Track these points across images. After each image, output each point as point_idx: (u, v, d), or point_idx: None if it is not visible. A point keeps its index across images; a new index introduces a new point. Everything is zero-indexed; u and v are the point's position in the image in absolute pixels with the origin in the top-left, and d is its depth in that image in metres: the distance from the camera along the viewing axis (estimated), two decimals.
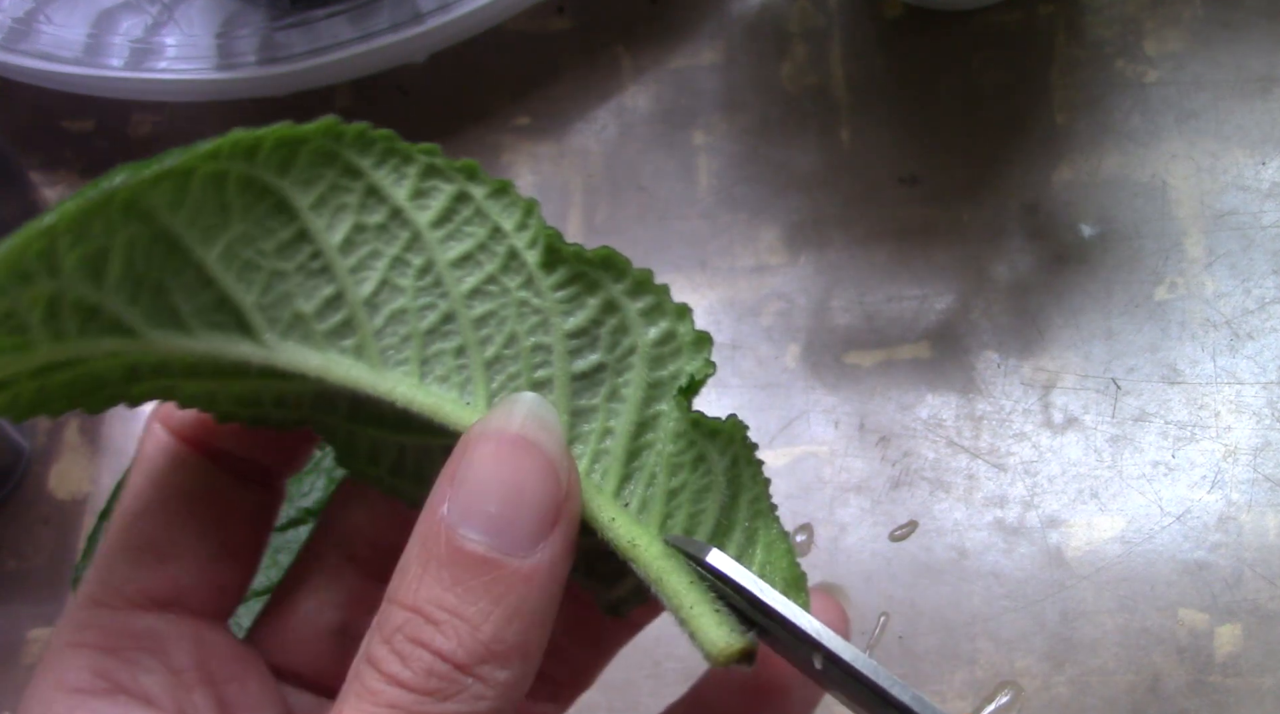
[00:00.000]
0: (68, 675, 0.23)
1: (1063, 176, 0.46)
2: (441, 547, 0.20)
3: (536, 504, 0.21)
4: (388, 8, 0.48)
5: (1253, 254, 0.44)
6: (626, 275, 0.23)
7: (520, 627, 0.20)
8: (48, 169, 0.52)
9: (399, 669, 0.20)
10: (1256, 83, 0.47)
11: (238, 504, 0.26)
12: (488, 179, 0.23)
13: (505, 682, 0.20)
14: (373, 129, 0.23)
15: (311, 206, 0.23)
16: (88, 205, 0.21)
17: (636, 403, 0.23)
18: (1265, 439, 0.42)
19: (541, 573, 0.21)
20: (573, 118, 0.50)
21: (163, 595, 0.24)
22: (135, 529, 0.25)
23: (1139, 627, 0.40)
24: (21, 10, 0.50)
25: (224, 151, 0.22)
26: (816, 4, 0.51)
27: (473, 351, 0.23)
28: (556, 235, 0.23)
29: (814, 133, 0.49)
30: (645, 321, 0.23)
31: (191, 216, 0.22)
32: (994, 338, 0.44)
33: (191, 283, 0.22)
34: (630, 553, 0.22)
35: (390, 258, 0.23)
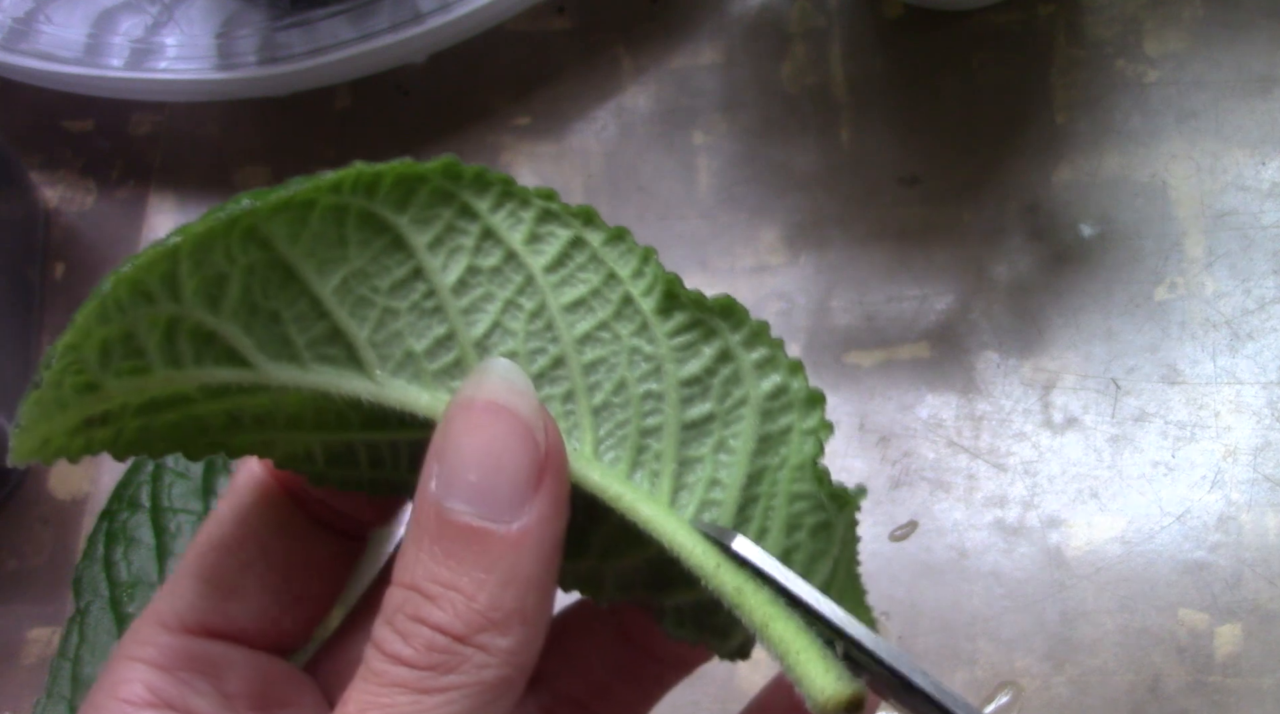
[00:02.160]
0: (121, 687, 0.24)
1: (1063, 176, 0.46)
2: (431, 522, 0.21)
3: (515, 467, 0.21)
4: (388, 8, 0.48)
5: (1253, 254, 0.44)
6: (744, 325, 0.23)
7: (516, 592, 0.20)
8: (48, 169, 0.52)
9: (401, 648, 0.20)
10: (1256, 83, 0.47)
11: (317, 552, 0.26)
12: (604, 225, 0.23)
13: (508, 648, 0.20)
14: (490, 171, 0.23)
15: (428, 246, 0.23)
16: (211, 229, 0.21)
17: (746, 455, 0.23)
18: (1265, 439, 0.42)
19: (530, 536, 0.21)
20: (573, 118, 0.50)
21: (223, 630, 0.25)
22: (209, 560, 0.25)
23: (1139, 627, 0.40)
24: (21, 10, 0.50)
25: (345, 185, 0.22)
26: (816, 4, 0.51)
27: (580, 397, 0.23)
28: (676, 280, 0.23)
29: (814, 133, 0.49)
30: (759, 374, 0.23)
31: (309, 248, 0.22)
32: (994, 338, 0.44)
33: (306, 314, 0.22)
34: (736, 599, 0.21)
35: (503, 301, 0.23)
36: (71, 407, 0.22)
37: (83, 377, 0.22)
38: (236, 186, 0.51)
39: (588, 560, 0.24)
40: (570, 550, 0.22)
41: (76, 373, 0.21)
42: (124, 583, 0.41)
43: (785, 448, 0.23)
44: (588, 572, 0.24)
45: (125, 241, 0.51)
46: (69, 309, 0.50)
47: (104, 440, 0.23)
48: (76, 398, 0.22)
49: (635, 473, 0.23)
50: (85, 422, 0.23)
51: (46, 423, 0.22)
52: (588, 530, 0.23)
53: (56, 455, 0.23)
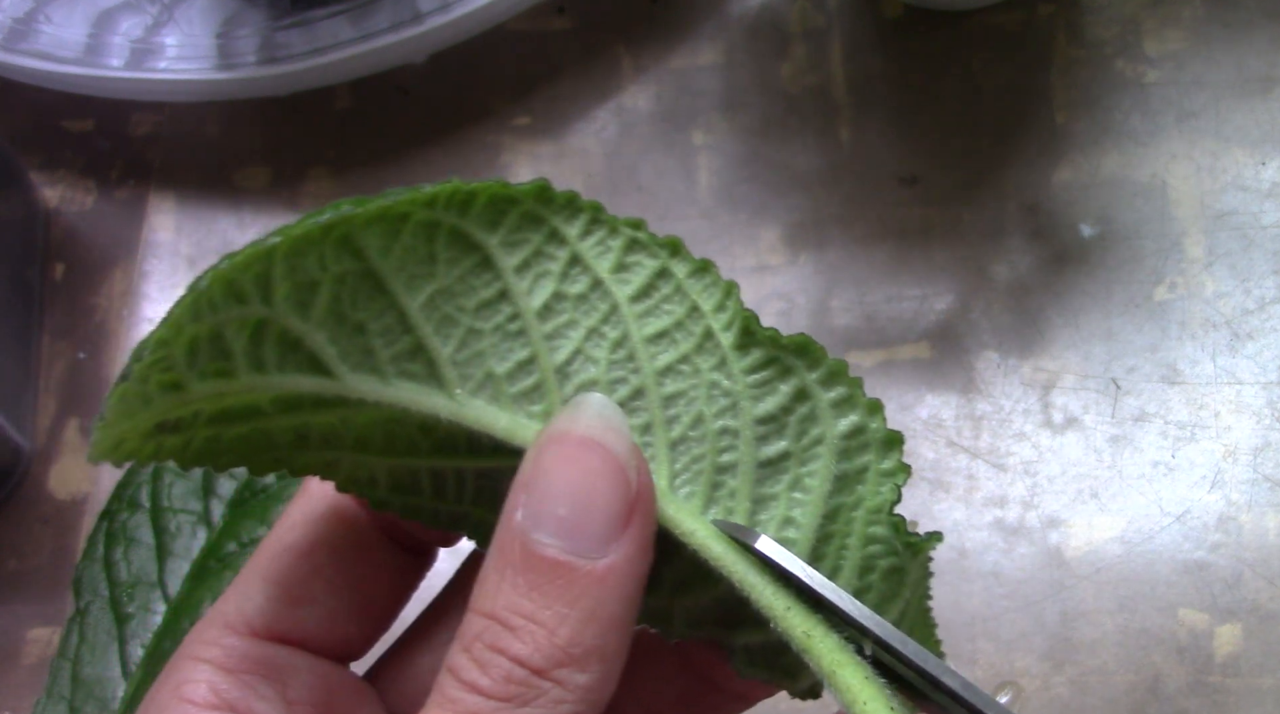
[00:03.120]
0: (186, 687, 0.24)
1: (1063, 176, 0.46)
2: (516, 552, 0.20)
3: (607, 504, 0.21)
4: (388, 8, 0.48)
5: (1253, 254, 0.44)
6: (821, 364, 0.23)
7: (597, 629, 0.20)
8: (48, 169, 0.52)
9: (477, 677, 0.20)
10: (1256, 83, 0.47)
11: (384, 566, 0.26)
12: (690, 257, 0.23)
13: (584, 685, 0.20)
14: (580, 198, 0.23)
15: (515, 269, 0.23)
16: (308, 234, 0.21)
17: (822, 495, 0.23)
18: (1265, 439, 0.42)
19: (615, 574, 0.20)
20: (573, 118, 0.50)
21: (289, 636, 0.25)
22: (277, 565, 0.25)
23: (1139, 627, 0.40)
24: (21, 10, 0.50)
25: (440, 201, 0.22)
26: (816, 4, 0.51)
27: (659, 430, 0.23)
28: (753, 317, 0.23)
29: (814, 133, 0.49)
30: (836, 413, 0.23)
31: (400, 262, 0.22)
32: (994, 338, 0.44)
33: (392, 328, 0.22)
34: (805, 643, 0.21)
35: (587, 328, 0.23)
36: (154, 404, 0.22)
37: (169, 375, 0.22)
38: (236, 187, 0.51)
39: (659, 597, 0.24)
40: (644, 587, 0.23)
41: (163, 371, 0.21)
42: (124, 583, 0.41)
43: (861, 487, 0.23)
44: (658, 608, 0.24)
45: (125, 241, 0.51)
46: (69, 309, 0.50)
47: (173, 448, 0.23)
48: (160, 396, 0.22)
49: (709, 509, 0.22)
50: (158, 427, 0.23)
51: (128, 420, 0.22)
52: (660, 566, 0.23)
53: (127, 458, 0.22)
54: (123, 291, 0.50)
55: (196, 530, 0.42)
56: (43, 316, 0.50)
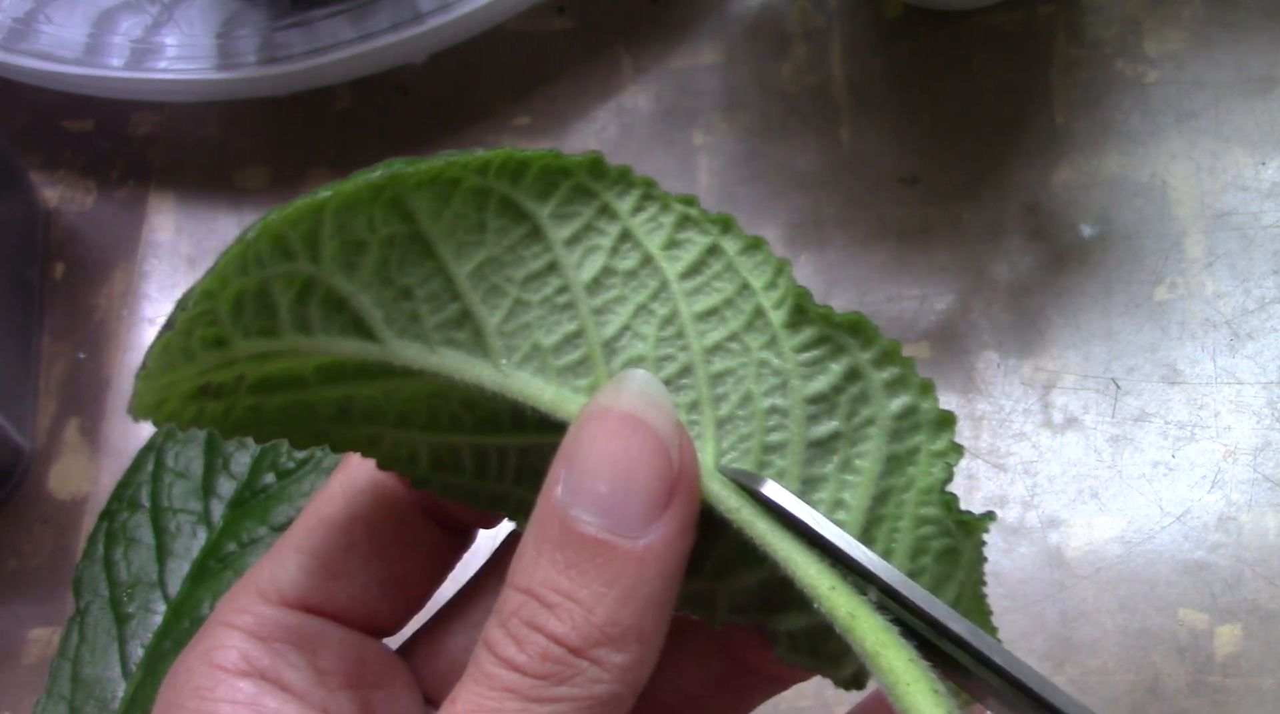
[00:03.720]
0: (216, 653, 0.23)
1: (1063, 176, 0.46)
2: (555, 529, 0.20)
3: (647, 483, 0.20)
4: (388, 8, 0.48)
5: (1253, 254, 0.44)
6: (874, 343, 0.22)
7: (635, 609, 0.20)
8: (48, 169, 0.52)
9: (514, 653, 0.20)
10: (1256, 83, 0.47)
11: (422, 543, 0.26)
12: (741, 234, 0.23)
13: (622, 665, 0.20)
14: (633, 172, 0.23)
15: (565, 242, 0.22)
16: (358, 192, 0.21)
17: (872, 476, 0.22)
18: (1265, 439, 0.42)
19: (654, 554, 0.20)
20: (573, 118, 0.50)
21: (321, 608, 0.25)
22: (314, 537, 0.25)
23: (1139, 627, 0.40)
24: (21, 10, 0.50)
25: (492, 168, 0.22)
26: (816, 4, 0.51)
27: (706, 408, 0.22)
28: (805, 294, 0.22)
29: (814, 133, 0.49)
30: (888, 393, 0.22)
31: (450, 228, 0.22)
32: (994, 338, 0.44)
33: (438, 294, 0.22)
34: (848, 624, 0.20)
35: (636, 304, 0.22)
36: (197, 359, 0.22)
37: (213, 329, 0.21)
38: (236, 187, 0.51)
39: (702, 580, 0.23)
40: (686, 570, 0.22)
41: (208, 325, 0.21)
42: (124, 583, 0.41)
43: (913, 469, 0.22)
44: (702, 592, 0.23)
45: (125, 241, 0.51)
46: (69, 309, 0.50)
47: (214, 415, 0.23)
48: (204, 351, 0.21)
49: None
50: (200, 390, 0.22)
51: (170, 373, 0.22)
52: (704, 549, 0.23)
53: (168, 419, 0.22)
54: (123, 291, 0.50)
55: (196, 530, 0.42)
56: (43, 316, 0.50)
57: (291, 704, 0.23)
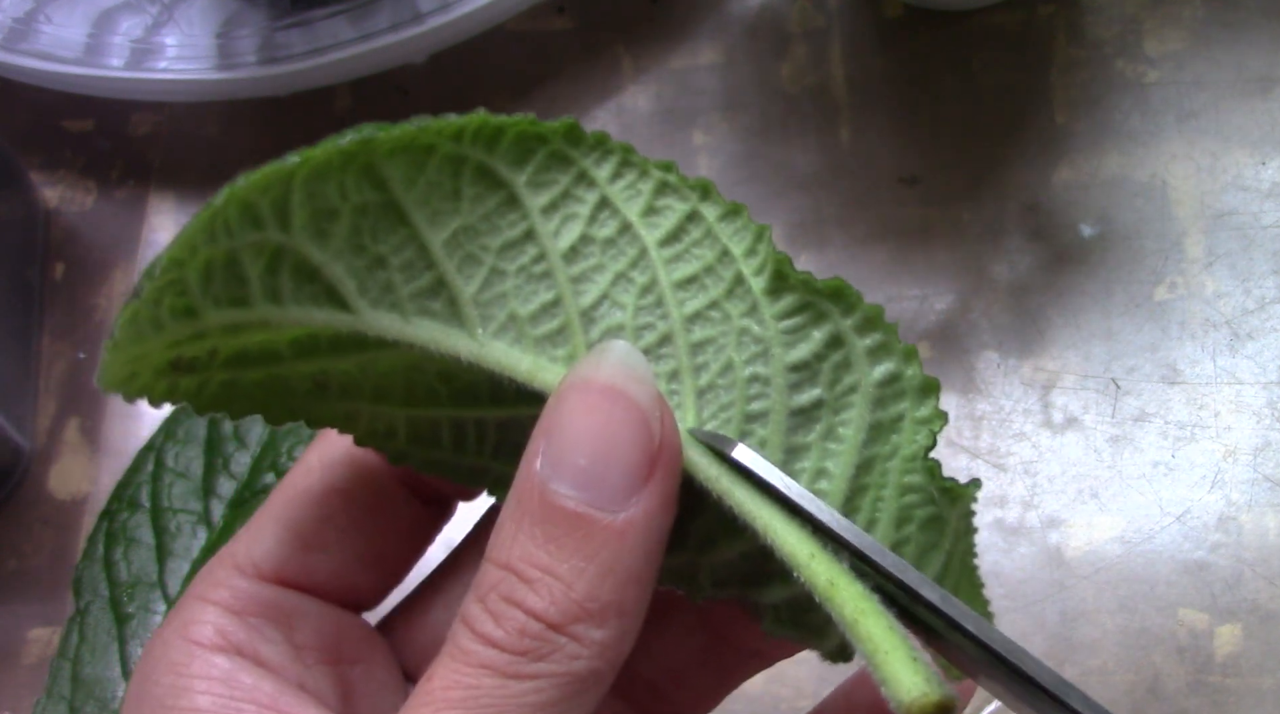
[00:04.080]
0: (192, 628, 0.23)
1: (1063, 176, 0.46)
2: (534, 502, 0.20)
3: (628, 456, 0.20)
4: (388, 8, 0.48)
5: (1253, 254, 0.44)
6: (856, 309, 0.22)
7: (614, 584, 0.20)
8: (48, 169, 0.52)
9: (492, 629, 0.20)
10: (1256, 83, 0.47)
11: (400, 516, 0.25)
12: (721, 200, 0.22)
13: (601, 641, 0.20)
14: (610, 139, 0.22)
15: (542, 209, 0.22)
16: (329, 159, 0.21)
17: (855, 445, 0.22)
18: (1265, 439, 0.42)
19: (635, 528, 0.20)
20: (572, 118, 0.50)
21: (298, 581, 0.24)
22: (290, 510, 0.25)
23: (1139, 627, 0.40)
24: (21, 10, 0.50)
25: (467, 134, 0.21)
26: (816, 4, 0.51)
27: (686, 377, 0.22)
28: (786, 260, 0.22)
29: (814, 133, 0.49)
30: (871, 360, 0.22)
31: (424, 196, 0.21)
32: (994, 338, 0.44)
33: (413, 263, 0.22)
34: (828, 593, 0.20)
35: (614, 273, 0.22)
36: (167, 329, 0.21)
37: (183, 299, 0.21)
38: None
39: (684, 554, 0.23)
40: (668, 544, 0.22)
41: (177, 294, 0.21)
42: (124, 583, 0.41)
43: (896, 436, 0.22)
44: (684, 566, 0.23)
45: (125, 241, 0.51)
46: (69, 309, 0.50)
47: (188, 390, 0.22)
48: (173, 321, 0.21)
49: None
50: (173, 365, 0.22)
51: (139, 344, 0.21)
52: (685, 523, 0.22)
53: (139, 394, 0.22)
54: (123, 292, 0.50)
55: (196, 530, 0.42)
56: (43, 316, 0.50)
57: (267, 680, 0.23)
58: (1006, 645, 0.20)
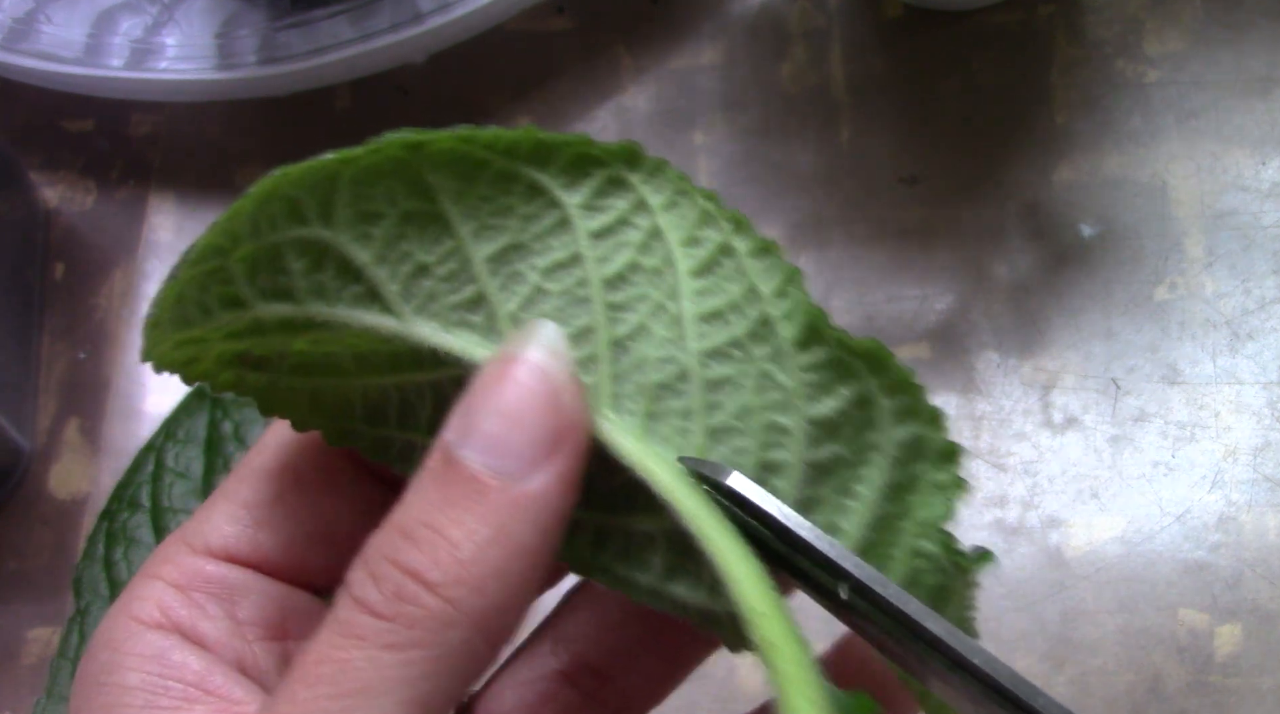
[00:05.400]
0: (134, 604, 0.23)
1: (1063, 176, 0.46)
2: (438, 466, 0.20)
3: (534, 428, 0.20)
4: (388, 8, 0.48)
5: (1253, 254, 0.44)
6: (887, 370, 0.21)
7: (502, 552, 0.19)
8: (48, 169, 0.52)
9: (369, 591, 0.20)
10: (1256, 83, 0.47)
11: (353, 496, 0.25)
12: (753, 234, 0.22)
13: (479, 610, 0.19)
14: (668, 165, 0.22)
15: (593, 234, 0.22)
16: (378, 167, 0.21)
17: (870, 503, 0.21)
18: (1265, 439, 0.42)
19: (532, 498, 0.20)
20: (573, 118, 0.50)
21: (247, 558, 0.24)
22: (243, 488, 0.25)
23: (1139, 627, 0.40)
24: (21, 10, 0.50)
25: (521, 150, 0.21)
26: (816, 4, 0.51)
27: (698, 416, 0.21)
28: (820, 315, 0.21)
29: (814, 133, 0.49)
30: (896, 421, 0.21)
31: (472, 209, 0.21)
32: (994, 338, 0.44)
33: (455, 275, 0.21)
34: (766, 651, 0.19)
35: (654, 303, 0.22)
36: (215, 317, 0.21)
37: (229, 289, 0.21)
38: (237, 187, 0.51)
39: (651, 577, 0.22)
40: (636, 567, 0.22)
41: (222, 283, 0.21)
42: (124, 583, 0.41)
43: (911, 497, 0.21)
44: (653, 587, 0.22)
45: (125, 241, 0.51)
46: (69, 309, 0.50)
47: (255, 386, 0.22)
48: (222, 310, 0.21)
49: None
50: (240, 357, 0.22)
51: (185, 327, 0.21)
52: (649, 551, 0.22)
53: (199, 378, 0.22)
54: (123, 291, 0.50)
55: None
56: (43, 316, 0.50)
57: (197, 657, 0.23)
58: (990, 664, 0.20)
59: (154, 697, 0.22)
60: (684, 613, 0.22)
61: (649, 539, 0.22)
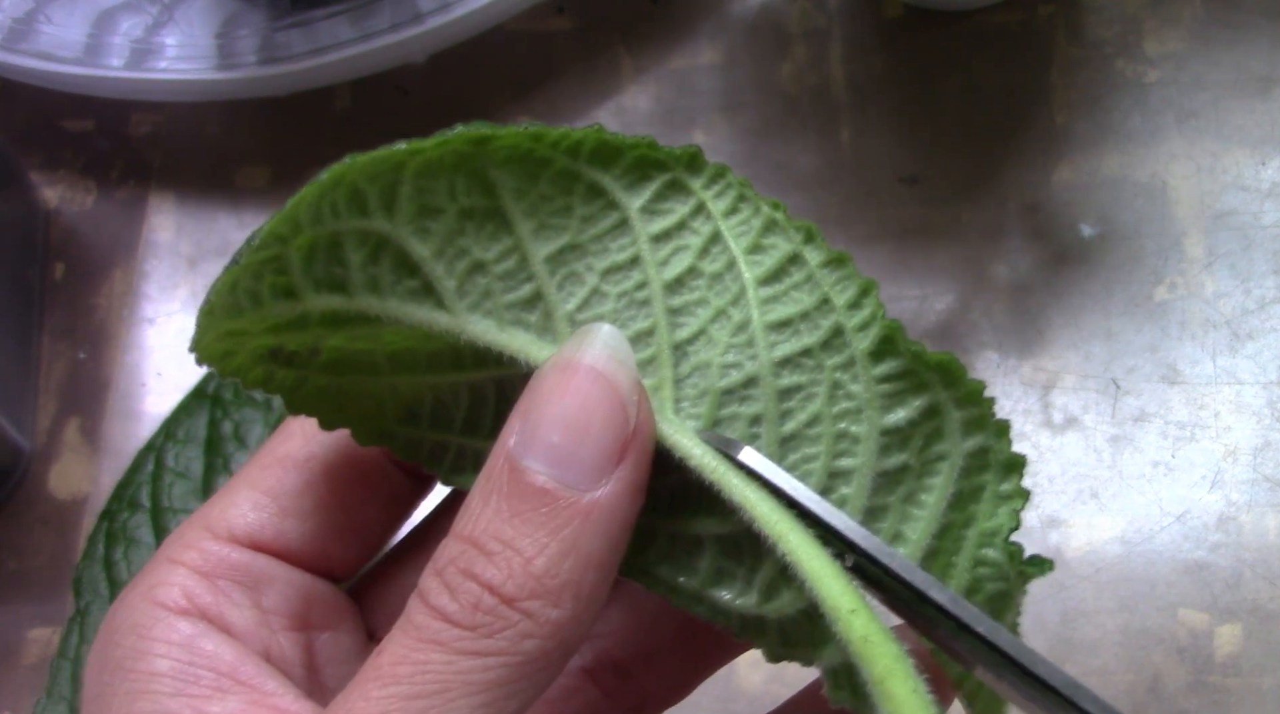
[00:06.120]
0: (158, 590, 0.23)
1: (1063, 176, 0.46)
2: (504, 477, 0.20)
3: (601, 437, 0.20)
4: (388, 8, 0.48)
5: (1253, 254, 0.44)
6: (959, 383, 0.22)
7: (575, 563, 0.20)
8: (48, 169, 0.52)
9: (446, 602, 0.20)
10: (1256, 83, 0.47)
11: (380, 489, 0.25)
12: (825, 245, 0.22)
13: (555, 621, 0.20)
14: (730, 171, 0.22)
15: (653, 237, 0.22)
16: (441, 159, 0.21)
17: (935, 513, 0.22)
18: (1265, 439, 0.42)
19: (602, 509, 0.20)
20: (573, 118, 0.50)
21: (270, 546, 0.24)
22: (269, 475, 0.24)
23: (1139, 627, 0.40)
24: (21, 10, 0.50)
25: (585, 151, 0.21)
26: (816, 4, 0.51)
27: (769, 423, 0.21)
28: (898, 328, 0.22)
29: (814, 133, 0.49)
30: (964, 432, 0.22)
31: (532, 207, 0.21)
32: (994, 338, 0.44)
33: (513, 273, 0.22)
34: (861, 648, 0.20)
35: (715, 309, 0.22)
36: (266, 306, 0.21)
37: (284, 278, 0.21)
38: (237, 187, 0.51)
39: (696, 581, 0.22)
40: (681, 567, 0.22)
41: (277, 272, 0.21)
42: (124, 583, 0.41)
43: (975, 506, 0.22)
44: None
45: (125, 241, 0.51)
46: (69, 309, 0.50)
47: (284, 382, 0.22)
48: (273, 300, 0.21)
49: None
50: (273, 353, 0.22)
51: (236, 317, 0.21)
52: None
53: (234, 373, 0.22)
54: (123, 291, 0.50)
55: None
56: (43, 316, 0.50)
57: (229, 646, 0.22)
58: (1016, 648, 0.20)
59: (184, 684, 0.22)
60: (724, 619, 0.22)
61: (696, 542, 0.22)
